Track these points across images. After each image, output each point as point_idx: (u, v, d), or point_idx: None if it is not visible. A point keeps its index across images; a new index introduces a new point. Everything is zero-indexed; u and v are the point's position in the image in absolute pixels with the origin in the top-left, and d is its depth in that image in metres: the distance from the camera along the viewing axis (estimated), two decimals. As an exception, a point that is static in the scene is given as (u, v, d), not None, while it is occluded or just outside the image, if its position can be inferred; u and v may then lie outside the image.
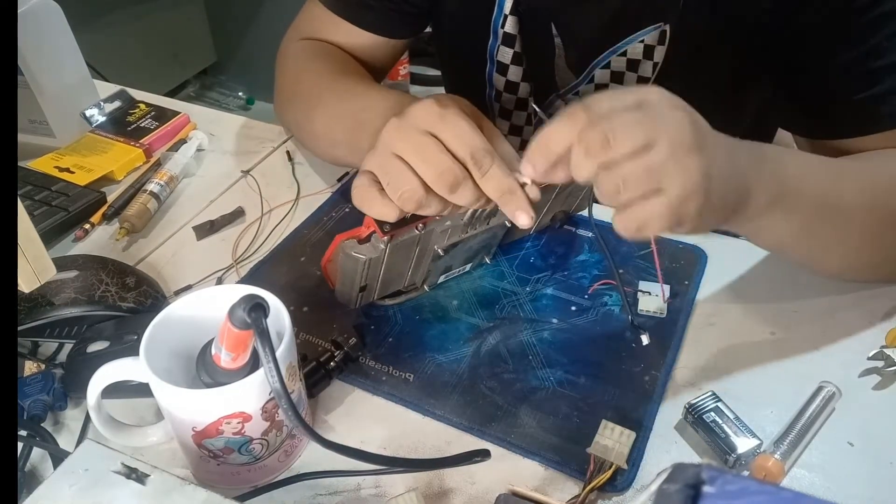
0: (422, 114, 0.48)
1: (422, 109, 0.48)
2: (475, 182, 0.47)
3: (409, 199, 0.47)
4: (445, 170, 0.46)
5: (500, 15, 0.73)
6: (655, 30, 0.68)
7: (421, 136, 0.47)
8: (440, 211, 0.49)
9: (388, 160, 0.47)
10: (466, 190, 0.47)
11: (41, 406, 0.52)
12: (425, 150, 0.46)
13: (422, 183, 0.46)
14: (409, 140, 0.47)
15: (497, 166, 0.47)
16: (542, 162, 0.45)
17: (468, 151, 0.46)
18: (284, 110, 0.78)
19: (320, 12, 0.77)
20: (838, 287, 0.62)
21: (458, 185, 0.46)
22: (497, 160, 0.47)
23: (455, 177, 0.46)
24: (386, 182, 0.47)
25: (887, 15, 0.57)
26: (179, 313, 0.49)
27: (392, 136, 0.48)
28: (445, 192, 0.46)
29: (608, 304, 0.62)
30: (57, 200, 0.72)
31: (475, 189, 0.47)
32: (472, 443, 0.52)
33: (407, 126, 0.47)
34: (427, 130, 0.47)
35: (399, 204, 0.47)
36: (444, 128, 0.47)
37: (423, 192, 0.47)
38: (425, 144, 0.46)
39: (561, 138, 0.44)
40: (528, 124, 0.82)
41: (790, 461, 0.49)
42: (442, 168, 0.46)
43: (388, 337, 0.59)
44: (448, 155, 0.46)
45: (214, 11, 2.46)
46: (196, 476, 0.50)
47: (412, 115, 0.48)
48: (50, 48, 0.79)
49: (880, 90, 0.59)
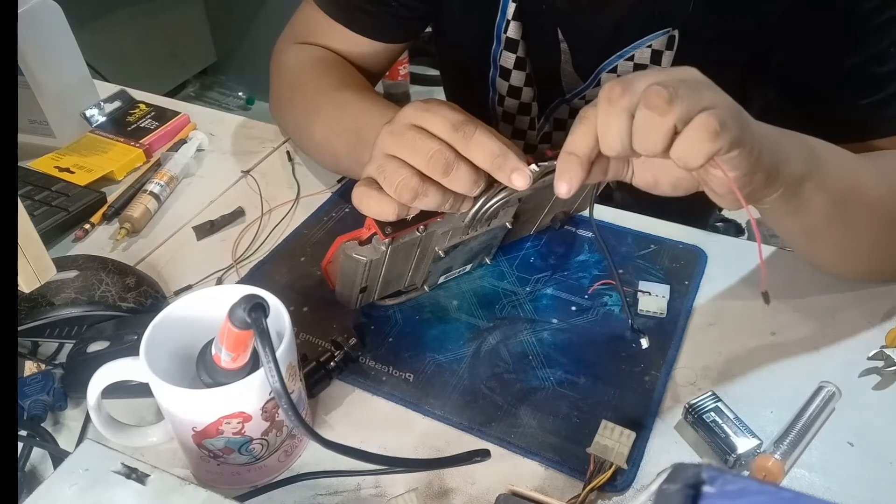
0: (408, 112, 0.49)
1: (407, 109, 0.50)
2: (467, 161, 0.47)
3: (404, 188, 0.47)
4: (434, 152, 0.47)
5: (503, 20, 0.73)
6: (664, 35, 0.68)
7: (408, 130, 0.48)
8: (440, 202, 0.49)
9: (383, 161, 0.49)
10: (460, 171, 0.47)
11: (41, 406, 0.52)
12: (413, 141, 0.48)
13: (415, 172, 0.47)
14: (398, 137, 0.48)
15: (481, 132, 0.47)
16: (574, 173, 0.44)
17: (449, 125, 0.47)
18: (281, 115, 0.78)
19: (316, 15, 0.76)
20: (838, 287, 0.62)
21: (451, 166, 0.47)
22: (481, 127, 0.47)
23: (445, 158, 0.47)
24: (382, 179, 0.48)
25: (894, 20, 0.57)
26: (179, 313, 0.49)
27: (383, 139, 0.49)
28: (439, 174, 0.47)
29: (608, 304, 0.62)
30: (57, 200, 0.72)
31: (469, 168, 0.48)
32: (472, 443, 0.52)
33: (396, 128, 0.49)
34: (413, 124, 0.48)
35: (396, 195, 0.48)
36: (426, 115, 0.48)
37: (418, 180, 0.47)
38: (413, 136, 0.48)
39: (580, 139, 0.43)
40: (531, 129, 0.82)
41: (790, 461, 0.49)
42: (431, 151, 0.47)
43: (388, 337, 0.59)
44: (435, 139, 0.47)
45: (214, 11, 2.46)
46: (196, 476, 0.50)
47: (399, 116, 0.50)
48: (50, 48, 0.79)
49: (885, 95, 0.59)
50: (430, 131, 0.48)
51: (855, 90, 0.61)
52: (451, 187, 0.48)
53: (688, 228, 0.69)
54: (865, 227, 0.56)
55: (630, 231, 0.69)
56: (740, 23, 0.66)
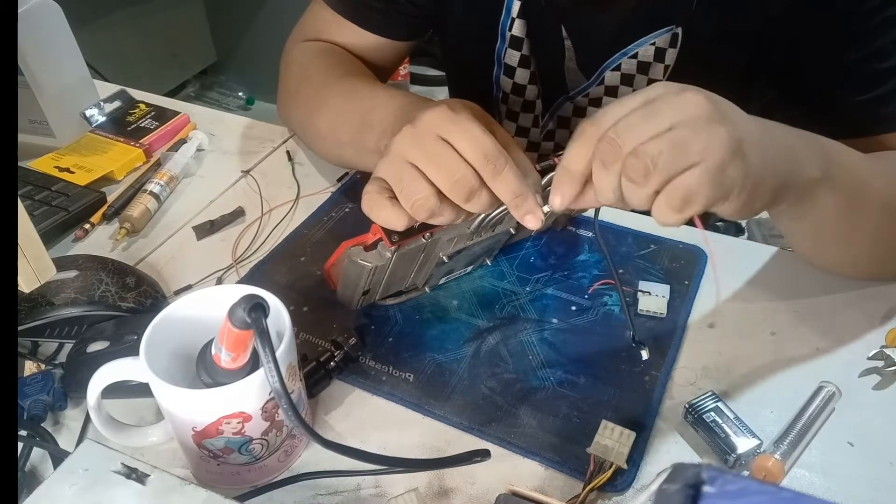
0: (435, 120, 0.47)
1: (434, 115, 0.47)
2: (489, 190, 0.46)
3: (421, 208, 0.46)
4: (461, 178, 0.45)
5: (507, 18, 0.73)
6: (667, 32, 0.68)
7: (435, 142, 0.46)
8: (452, 220, 0.47)
9: (401, 167, 0.46)
10: (481, 198, 0.46)
11: (41, 406, 0.52)
12: (440, 158, 0.45)
13: (435, 191, 0.46)
14: (423, 147, 0.46)
15: (510, 169, 0.45)
16: (568, 188, 0.44)
17: (482, 154, 0.45)
18: (288, 110, 0.78)
19: (325, 13, 0.77)
20: (838, 287, 0.62)
21: (474, 193, 0.45)
22: (510, 163, 0.46)
23: (471, 185, 0.45)
24: (399, 190, 0.46)
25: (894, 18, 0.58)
26: (179, 313, 0.49)
27: (405, 143, 0.47)
28: (461, 200, 0.46)
29: (608, 304, 0.62)
30: (57, 200, 0.72)
31: (489, 197, 0.46)
32: (472, 443, 0.52)
33: (420, 133, 0.47)
34: (440, 136, 0.46)
35: (412, 212, 0.46)
36: (457, 133, 0.46)
37: (437, 200, 0.45)
38: (440, 151, 0.46)
39: (577, 157, 0.43)
40: (535, 126, 0.82)
41: (790, 461, 0.49)
42: (458, 176, 0.45)
43: (388, 337, 0.59)
44: (463, 162, 0.45)
45: (214, 11, 2.46)
46: (196, 476, 0.50)
47: (425, 121, 0.47)
48: (50, 48, 0.79)
49: (885, 91, 0.59)
50: (458, 150, 0.46)
51: (855, 87, 0.61)
52: (467, 209, 0.47)
53: (688, 228, 0.69)
54: (872, 226, 0.57)
55: (630, 231, 0.69)
56: (743, 21, 0.66)
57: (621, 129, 0.41)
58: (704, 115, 0.41)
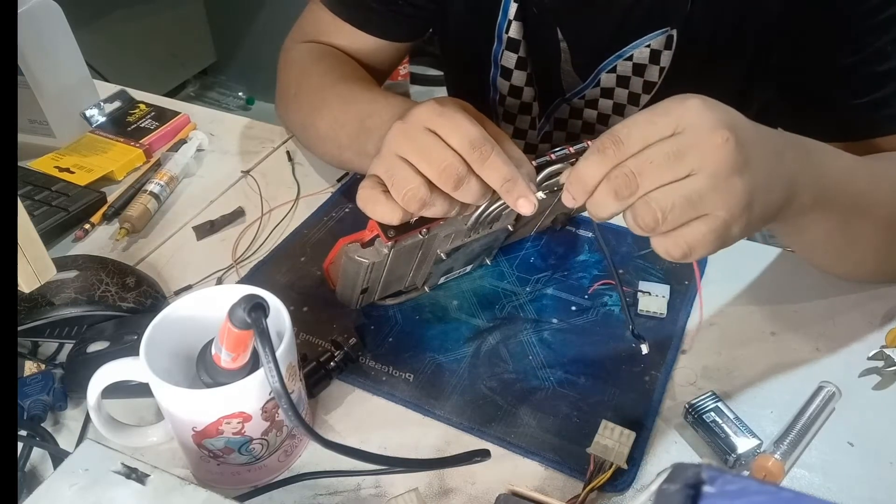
0: (423, 114, 0.48)
1: (423, 110, 0.48)
2: (478, 177, 0.47)
3: (412, 198, 0.47)
4: (448, 165, 0.46)
5: (504, 20, 0.73)
6: (662, 34, 0.68)
7: (423, 134, 0.47)
8: (446, 211, 0.48)
9: (392, 162, 0.47)
10: (471, 185, 0.47)
11: (41, 406, 0.52)
12: (427, 148, 0.47)
13: (425, 181, 0.47)
14: (412, 140, 0.47)
15: (497, 156, 0.46)
16: (580, 195, 0.44)
17: (468, 142, 0.46)
18: (287, 112, 0.78)
19: (323, 15, 0.77)
20: (838, 287, 0.62)
21: (462, 180, 0.46)
22: (497, 149, 0.47)
23: (458, 172, 0.46)
24: (391, 184, 0.47)
25: (892, 19, 0.57)
26: (179, 313, 0.49)
27: (396, 138, 0.48)
28: (450, 188, 0.46)
29: (608, 304, 0.62)
30: (57, 200, 0.72)
31: (479, 184, 0.47)
32: (472, 443, 0.52)
33: (409, 127, 0.48)
34: (427, 128, 0.47)
35: (403, 204, 0.47)
36: (444, 123, 0.47)
37: (427, 190, 0.47)
38: (427, 142, 0.47)
39: (592, 172, 0.43)
40: (532, 128, 0.82)
41: (790, 461, 0.49)
42: (444, 164, 0.46)
43: (388, 337, 0.59)
44: (450, 151, 0.46)
45: (214, 11, 2.46)
46: (196, 476, 0.50)
47: (414, 116, 0.48)
48: (50, 48, 0.79)
49: (884, 93, 0.59)
50: (446, 140, 0.47)
51: (854, 89, 0.61)
52: (459, 199, 0.48)
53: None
54: (869, 235, 0.57)
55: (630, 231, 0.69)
56: (739, 22, 0.66)
57: (642, 167, 0.41)
58: (727, 167, 0.41)
